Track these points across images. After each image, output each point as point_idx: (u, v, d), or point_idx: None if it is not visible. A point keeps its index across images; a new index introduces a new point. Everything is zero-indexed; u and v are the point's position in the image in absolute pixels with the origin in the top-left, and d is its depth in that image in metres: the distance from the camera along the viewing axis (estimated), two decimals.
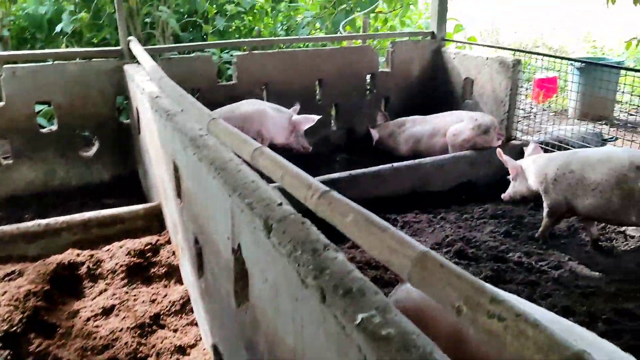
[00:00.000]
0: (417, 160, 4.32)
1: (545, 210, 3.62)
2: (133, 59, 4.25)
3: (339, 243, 2.72)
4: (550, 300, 2.92)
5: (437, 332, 1.77)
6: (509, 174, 3.90)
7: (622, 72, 5.90)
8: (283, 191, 1.66)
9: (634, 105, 6.69)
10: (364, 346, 1.02)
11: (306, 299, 1.27)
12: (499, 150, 3.85)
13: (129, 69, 4.06)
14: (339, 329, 1.12)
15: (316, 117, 4.59)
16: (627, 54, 9.78)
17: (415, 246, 1.12)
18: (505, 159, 3.79)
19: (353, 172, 4.11)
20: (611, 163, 3.17)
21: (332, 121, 5.34)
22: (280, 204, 1.58)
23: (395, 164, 4.23)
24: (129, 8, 6.05)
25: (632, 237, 3.70)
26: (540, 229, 3.72)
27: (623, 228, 3.75)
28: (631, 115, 6.61)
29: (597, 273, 3.36)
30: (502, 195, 3.95)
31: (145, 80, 3.47)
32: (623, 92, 4.60)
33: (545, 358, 0.82)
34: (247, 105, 4.47)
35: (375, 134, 5.13)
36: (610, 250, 3.68)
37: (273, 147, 4.55)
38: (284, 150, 4.69)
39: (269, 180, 1.75)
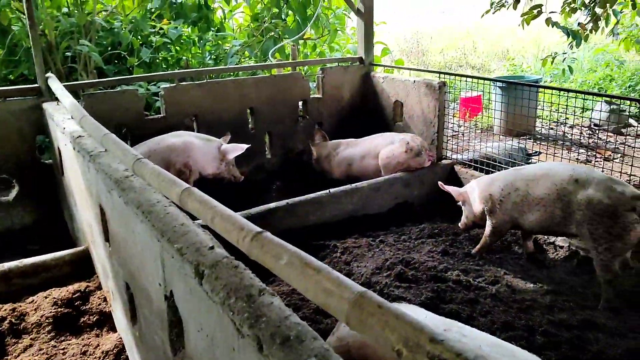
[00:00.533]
0: (353, 185, 4.34)
1: (489, 229, 3.67)
2: (52, 96, 4.07)
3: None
4: (490, 317, 2.96)
5: None
6: (444, 194, 3.97)
7: (540, 89, 6.21)
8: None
9: (554, 120, 7.04)
10: None
11: (243, 349, 1.21)
12: (440, 182, 3.89)
13: (48, 107, 3.87)
14: None
15: (245, 146, 4.51)
16: (543, 71, 10.32)
17: (352, 287, 1.09)
18: (448, 189, 3.83)
19: (290, 200, 4.07)
20: (553, 178, 3.27)
21: (266, 149, 5.30)
22: (212, 248, 1.52)
23: (332, 190, 4.22)
24: (47, 42, 5.82)
25: (562, 247, 3.83)
26: (479, 246, 3.78)
27: (552, 239, 3.88)
28: (552, 129, 6.95)
29: (532, 285, 3.45)
30: (459, 224, 3.98)
31: (66, 119, 3.32)
32: (542, 108, 4.81)
33: None
34: (172, 137, 4.34)
35: (314, 151, 5.12)
36: (543, 261, 3.81)
37: (204, 178, 4.48)
38: (215, 182, 4.61)
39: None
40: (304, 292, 1.17)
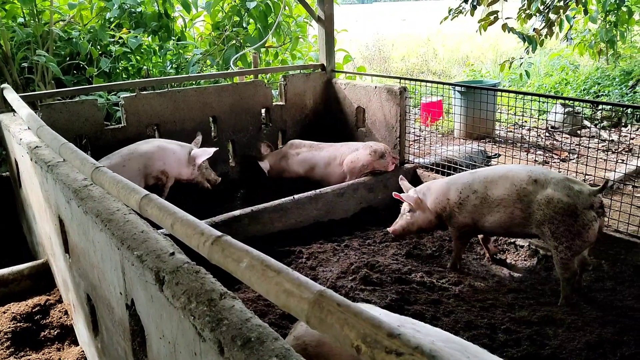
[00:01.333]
0: (317, 191, 4.36)
1: (454, 235, 3.69)
2: (8, 108, 3.97)
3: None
4: (454, 317, 3.01)
5: None
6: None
7: (499, 93, 6.36)
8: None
9: (512, 123, 7.22)
10: None
11: (205, 353, 1.21)
12: (395, 193, 3.84)
13: (4, 118, 3.78)
14: None
15: (213, 150, 4.55)
16: (502, 76, 10.58)
17: (312, 287, 1.10)
18: (404, 196, 3.78)
19: (254, 207, 4.07)
20: (512, 179, 3.32)
21: (230, 157, 5.28)
22: (173, 254, 1.52)
23: (297, 196, 4.23)
24: (2, 53, 5.68)
25: (522, 246, 3.93)
26: (453, 256, 3.77)
27: (513, 240, 3.97)
28: (510, 132, 7.12)
29: (494, 284, 3.53)
30: (391, 230, 3.86)
31: (23, 130, 3.25)
32: (500, 111, 4.94)
33: None
34: (146, 145, 4.31)
35: (265, 165, 5.10)
36: (504, 261, 3.90)
37: (180, 183, 4.47)
38: (184, 188, 4.58)
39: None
40: (266, 295, 1.18)
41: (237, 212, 4.02)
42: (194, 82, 6.35)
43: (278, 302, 1.16)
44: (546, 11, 6.87)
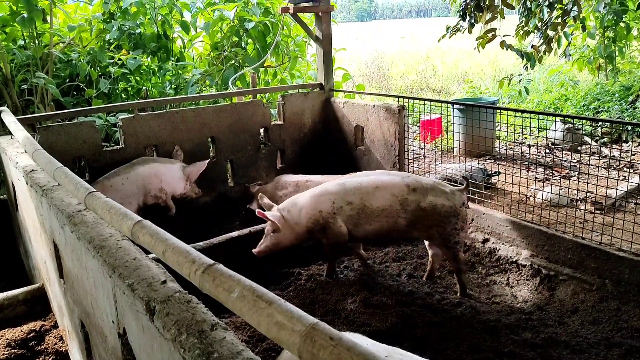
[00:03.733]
0: None
1: (328, 247, 3.62)
2: (6, 130, 3.96)
3: None
4: (457, 341, 2.96)
5: None
6: None
7: (498, 110, 6.35)
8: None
9: (512, 140, 7.20)
10: None
11: None
12: (258, 210, 3.60)
13: (1, 141, 3.77)
14: None
15: (205, 162, 4.64)
16: (501, 92, 10.59)
17: (304, 319, 1.07)
18: (269, 214, 3.57)
19: (253, 228, 4.04)
20: (391, 189, 3.43)
21: (229, 177, 5.26)
22: (164, 282, 1.48)
23: None
24: (2, 76, 5.70)
25: (524, 266, 3.88)
26: (328, 267, 3.76)
27: (515, 259, 3.92)
28: (510, 149, 7.10)
29: (496, 305, 3.48)
30: (256, 251, 3.65)
31: (20, 153, 3.24)
32: (500, 129, 4.92)
33: None
34: (140, 165, 4.32)
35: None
36: (506, 281, 3.85)
37: (174, 199, 4.49)
38: (185, 206, 4.60)
39: None
40: (257, 327, 1.15)
41: (235, 233, 3.99)
42: (193, 103, 6.35)
43: (269, 334, 1.12)
44: (544, 28, 6.88)
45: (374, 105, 5.03)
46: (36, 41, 6.06)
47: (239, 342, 1.19)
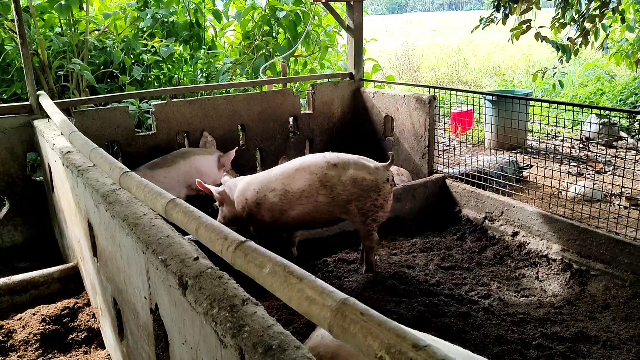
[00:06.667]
0: None
1: (255, 233, 3.63)
2: (44, 114, 4.06)
3: None
4: (483, 331, 2.94)
5: None
6: (435, 209, 3.95)
7: (531, 102, 6.25)
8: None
9: (544, 132, 7.08)
10: None
11: (226, 359, 1.19)
12: (198, 180, 3.68)
13: (39, 124, 3.86)
14: None
15: (234, 150, 4.66)
16: (534, 86, 10.40)
17: (335, 294, 1.08)
18: (209, 187, 3.67)
19: None
20: (309, 168, 3.35)
21: (257, 165, 5.29)
22: (197, 259, 1.51)
23: None
24: (40, 62, 5.83)
25: (554, 260, 3.82)
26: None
27: (545, 253, 3.86)
28: (543, 143, 6.98)
29: (524, 299, 3.43)
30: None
31: (56, 136, 3.31)
32: (533, 121, 4.84)
33: None
34: (181, 160, 4.39)
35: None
36: (536, 275, 3.79)
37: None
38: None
39: None
40: (287, 302, 1.16)
41: None
42: (223, 91, 6.40)
43: (300, 309, 1.14)
44: (581, 20, 6.72)
45: (404, 96, 5.00)
46: (72, 28, 6.18)
47: (269, 316, 1.20)
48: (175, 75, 6.53)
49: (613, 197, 4.87)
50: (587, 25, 6.64)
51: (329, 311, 1.05)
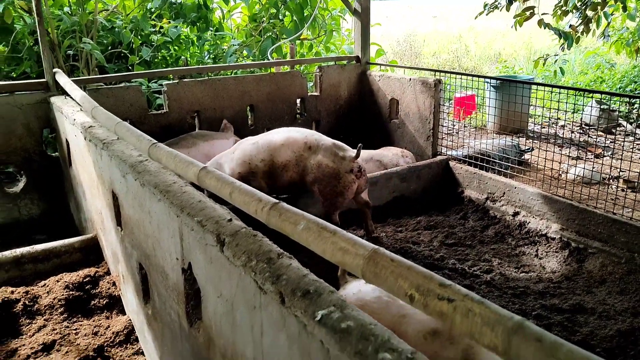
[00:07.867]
0: None
1: None
2: (59, 91, 4.16)
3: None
4: None
5: None
6: (440, 189, 4.06)
7: (533, 88, 6.36)
8: (232, 210, 1.72)
9: (545, 118, 7.20)
10: (327, 339, 1.09)
11: (265, 305, 1.32)
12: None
13: (56, 101, 3.97)
14: (300, 328, 1.18)
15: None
16: (535, 72, 10.50)
17: (366, 245, 1.21)
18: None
19: (287, 195, 4.18)
20: (292, 146, 3.66)
21: None
22: (230, 220, 1.63)
23: None
24: (49, 41, 5.90)
25: (553, 238, 3.96)
26: None
27: (544, 232, 4.01)
28: (543, 127, 7.10)
29: (525, 274, 3.58)
30: None
31: (76, 112, 3.42)
32: (535, 106, 4.96)
33: (492, 330, 0.92)
34: (201, 141, 4.49)
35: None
36: (535, 253, 3.94)
37: None
38: None
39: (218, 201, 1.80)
40: (322, 254, 1.29)
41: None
42: (230, 72, 6.50)
43: (334, 259, 1.26)
44: (583, 8, 6.81)
45: (409, 79, 5.11)
46: (82, 8, 6.25)
47: (303, 268, 1.33)
48: (183, 57, 6.62)
49: (611, 180, 5.01)
50: (589, 13, 6.73)
51: (362, 259, 1.18)
